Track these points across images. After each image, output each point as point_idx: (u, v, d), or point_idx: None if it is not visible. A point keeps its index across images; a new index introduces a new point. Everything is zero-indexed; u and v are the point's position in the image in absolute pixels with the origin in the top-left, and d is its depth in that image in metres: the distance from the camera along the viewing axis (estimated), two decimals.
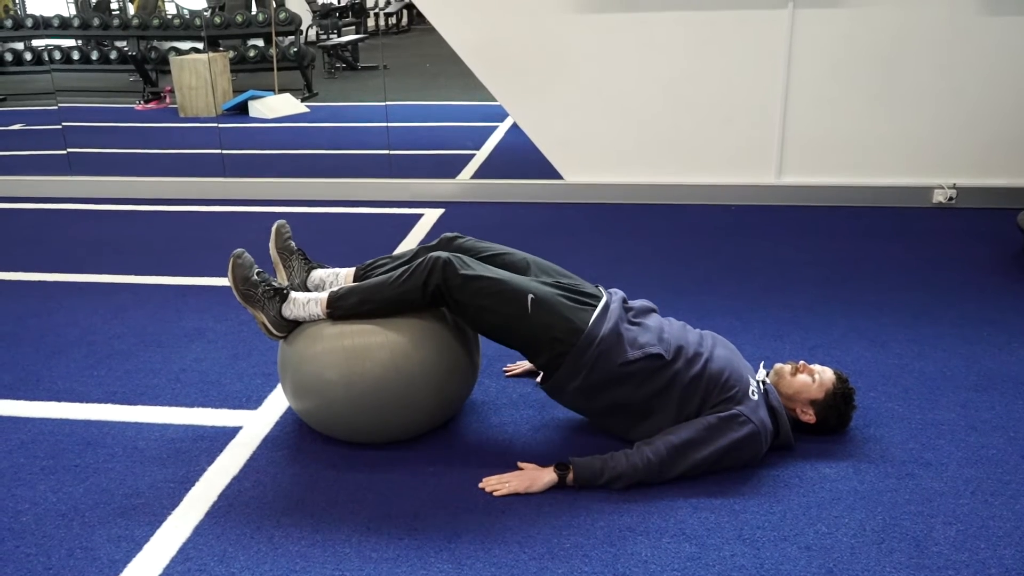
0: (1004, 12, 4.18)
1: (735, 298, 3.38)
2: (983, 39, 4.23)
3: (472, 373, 2.44)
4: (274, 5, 8.19)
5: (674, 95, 4.54)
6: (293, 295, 2.33)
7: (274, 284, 2.32)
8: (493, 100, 4.70)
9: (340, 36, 9.24)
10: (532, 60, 4.58)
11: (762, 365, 2.45)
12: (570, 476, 2.15)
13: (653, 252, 3.96)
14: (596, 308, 2.27)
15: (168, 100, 7.74)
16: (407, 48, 9.45)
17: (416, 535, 2.01)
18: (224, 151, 5.62)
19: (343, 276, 2.50)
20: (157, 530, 2.04)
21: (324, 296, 2.31)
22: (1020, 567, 1.87)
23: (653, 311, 2.42)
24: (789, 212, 4.49)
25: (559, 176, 4.78)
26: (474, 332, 2.43)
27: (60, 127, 5.98)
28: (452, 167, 5.28)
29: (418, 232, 4.31)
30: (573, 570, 1.88)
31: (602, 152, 4.70)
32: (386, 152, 5.55)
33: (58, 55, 8.03)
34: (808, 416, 2.32)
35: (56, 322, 3.29)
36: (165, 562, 1.93)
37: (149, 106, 7.88)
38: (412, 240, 4.19)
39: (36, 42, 8.31)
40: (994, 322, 3.10)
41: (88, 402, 2.67)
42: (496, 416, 2.53)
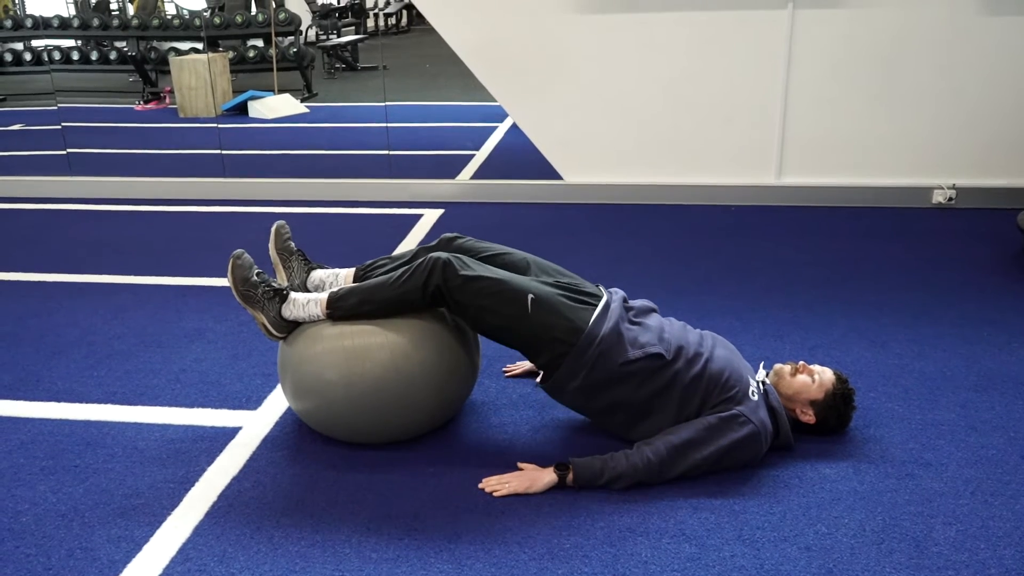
0: (1004, 12, 4.18)
1: (735, 298, 3.38)
2: (983, 39, 4.23)
3: (472, 374, 2.44)
4: (274, 5, 8.18)
5: (674, 95, 4.54)
6: (293, 296, 2.33)
7: (274, 285, 2.32)
8: (493, 100, 4.70)
9: (340, 36, 9.23)
10: (532, 60, 4.58)
11: (762, 365, 2.45)
12: (570, 476, 2.15)
13: (653, 252, 3.96)
14: (596, 307, 2.27)
15: (168, 100, 7.74)
16: (407, 48, 9.44)
17: (416, 535, 2.01)
18: (224, 151, 5.62)
19: (343, 277, 2.50)
20: (157, 530, 2.04)
21: (324, 297, 2.31)
22: (1020, 567, 1.87)
23: (654, 311, 2.42)
24: (789, 212, 4.49)
25: (559, 176, 4.78)
26: (474, 332, 2.43)
27: (60, 127, 5.98)
28: (452, 167, 5.27)
29: (418, 232, 4.31)
30: (573, 570, 1.88)
31: (602, 152, 4.70)
32: (386, 152, 5.54)
33: (58, 55, 8.02)
34: (808, 416, 2.32)
35: (56, 322, 3.29)
36: (165, 562, 1.93)
37: (149, 106, 7.88)
38: (412, 240, 4.19)
39: (36, 42, 8.29)
40: (994, 322, 3.10)
41: (88, 402, 2.67)
42: (496, 416, 2.53)
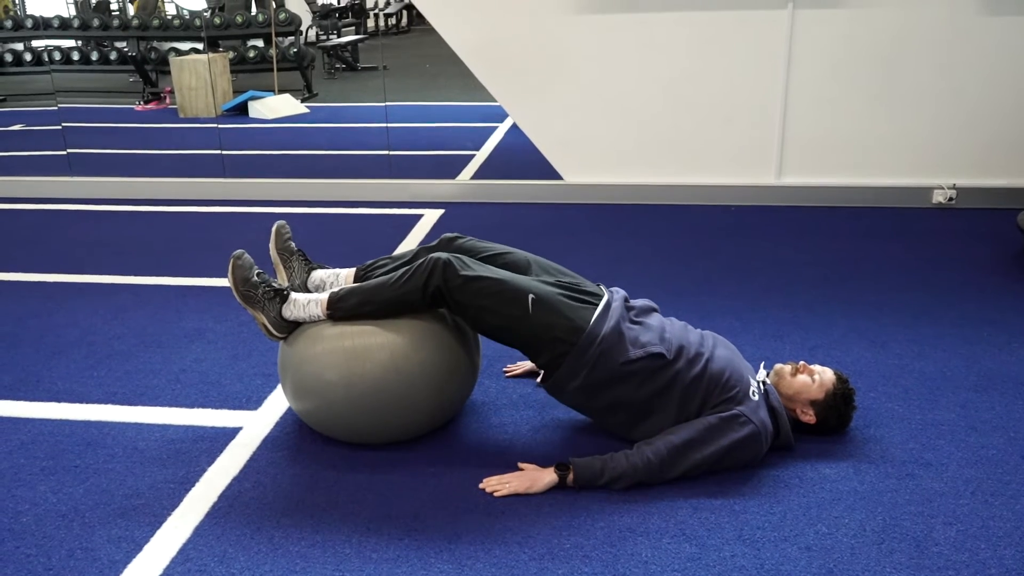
0: (1004, 12, 4.18)
1: (735, 298, 3.38)
2: (983, 39, 4.23)
3: (472, 374, 2.44)
4: (274, 6, 8.18)
5: (674, 95, 4.54)
6: (293, 296, 2.33)
7: (274, 285, 2.32)
8: (493, 100, 4.70)
9: (340, 37, 9.23)
10: (532, 60, 4.58)
11: (762, 365, 2.45)
12: (570, 476, 2.15)
13: (653, 252, 3.96)
14: (597, 307, 2.26)
15: (168, 101, 7.74)
16: (407, 49, 9.44)
17: (416, 536, 2.01)
18: (224, 152, 5.62)
19: (343, 277, 2.50)
20: (157, 531, 2.04)
21: (324, 297, 2.31)
22: (1020, 567, 1.87)
23: (655, 311, 2.42)
24: (789, 212, 4.49)
25: (559, 176, 4.78)
26: (474, 332, 2.43)
27: (60, 128, 5.98)
28: (452, 167, 5.27)
29: (418, 233, 4.31)
30: (573, 570, 1.88)
31: (602, 152, 4.70)
32: (386, 153, 5.54)
33: (58, 56, 8.02)
34: (808, 416, 2.32)
35: (56, 323, 3.29)
36: (165, 563, 1.93)
37: (149, 107, 7.88)
38: (412, 241, 4.19)
39: (36, 43, 8.29)
40: (994, 322, 3.10)
41: (88, 403, 2.67)
42: (496, 417, 2.53)
